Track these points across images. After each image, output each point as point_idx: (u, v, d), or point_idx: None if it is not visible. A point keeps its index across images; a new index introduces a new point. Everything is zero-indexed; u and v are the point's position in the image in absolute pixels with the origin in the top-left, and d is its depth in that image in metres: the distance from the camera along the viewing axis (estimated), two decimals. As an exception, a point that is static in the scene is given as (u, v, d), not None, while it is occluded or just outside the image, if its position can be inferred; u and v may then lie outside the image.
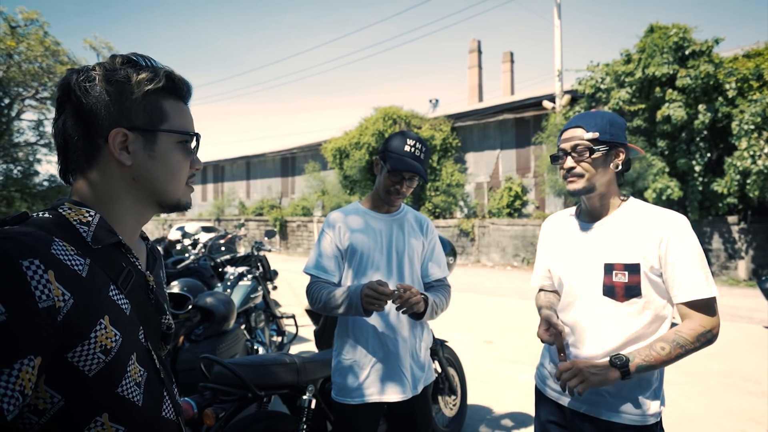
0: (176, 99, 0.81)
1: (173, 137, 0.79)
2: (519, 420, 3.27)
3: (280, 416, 1.99)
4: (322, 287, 1.67)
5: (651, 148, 10.24)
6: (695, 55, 9.77)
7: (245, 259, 4.49)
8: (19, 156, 14.05)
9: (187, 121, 0.82)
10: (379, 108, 15.66)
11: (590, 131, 1.36)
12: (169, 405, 0.80)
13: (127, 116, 0.74)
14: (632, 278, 1.32)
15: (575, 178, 1.38)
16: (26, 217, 0.69)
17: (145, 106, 0.76)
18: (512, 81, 31.10)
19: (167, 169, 0.79)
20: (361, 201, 1.81)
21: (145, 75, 0.75)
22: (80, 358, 0.65)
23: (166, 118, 0.78)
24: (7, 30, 11.84)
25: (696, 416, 3.33)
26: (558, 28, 12.90)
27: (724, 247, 10.15)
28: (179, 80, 0.81)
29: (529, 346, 5.02)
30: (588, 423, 1.37)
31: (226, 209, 22.62)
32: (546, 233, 1.61)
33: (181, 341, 2.70)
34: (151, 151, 0.77)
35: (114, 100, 0.74)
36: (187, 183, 0.83)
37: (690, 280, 1.26)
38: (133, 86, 0.74)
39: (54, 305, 0.61)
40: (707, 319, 1.26)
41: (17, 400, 0.58)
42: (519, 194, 13.89)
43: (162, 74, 0.77)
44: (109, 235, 0.74)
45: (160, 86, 0.77)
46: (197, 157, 0.85)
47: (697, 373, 4.21)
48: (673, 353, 1.24)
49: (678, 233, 1.29)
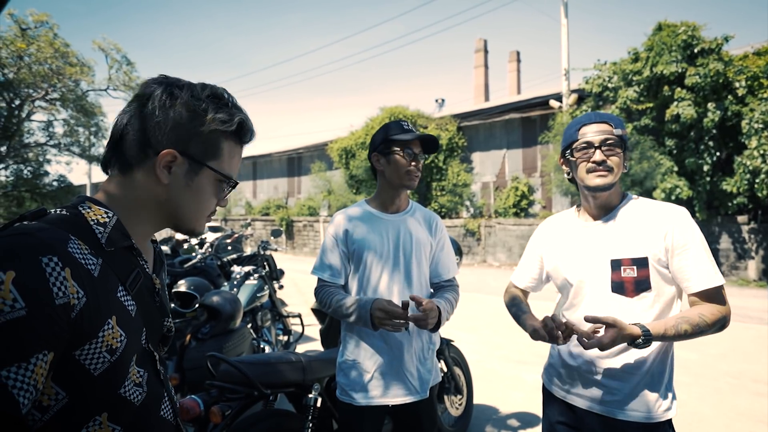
0: (236, 143, 0.84)
1: (215, 175, 0.81)
2: (525, 420, 3.26)
3: (286, 414, 2.00)
4: (330, 293, 1.66)
5: (659, 147, 10.15)
6: (704, 53, 9.66)
7: (251, 259, 4.50)
8: (29, 156, 14.22)
9: (235, 166, 0.85)
10: (385, 108, 15.65)
11: (618, 128, 1.37)
12: (167, 406, 0.81)
13: (185, 142, 0.77)
14: (641, 272, 1.32)
15: (606, 171, 1.35)
16: (44, 213, 0.70)
17: (206, 139, 0.78)
18: (518, 80, 30.98)
19: (197, 202, 0.81)
20: (367, 201, 1.78)
21: (221, 116, 0.78)
22: (87, 356, 0.65)
23: (218, 157, 0.80)
24: (18, 32, 11.98)
25: (705, 417, 3.29)
26: (565, 26, 12.82)
27: (734, 247, 10.03)
28: (248, 129, 0.84)
29: (535, 346, 4.99)
30: (601, 423, 1.36)
31: (232, 209, 22.72)
32: (544, 235, 1.59)
33: (188, 340, 2.71)
34: (190, 180, 0.79)
35: (183, 124, 0.76)
36: (207, 216, 0.86)
37: (700, 269, 1.28)
38: (207, 121, 0.77)
39: (69, 302, 0.62)
40: (722, 307, 1.29)
41: (31, 394, 0.59)
42: (525, 194, 13.82)
43: (236, 121, 0.80)
44: (123, 239, 0.75)
45: (230, 131, 0.80)
46: (226, 198, 0.88)
47: (706, 374, 4.17)
48: (690, 335, 1.26)
49: (682, 224, 1.31)
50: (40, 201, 13.65)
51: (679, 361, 4.41)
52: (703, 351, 4.80)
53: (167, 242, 6.32)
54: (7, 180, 14.21)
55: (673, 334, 1.25)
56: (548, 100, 13.12)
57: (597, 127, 1.38)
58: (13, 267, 0.59)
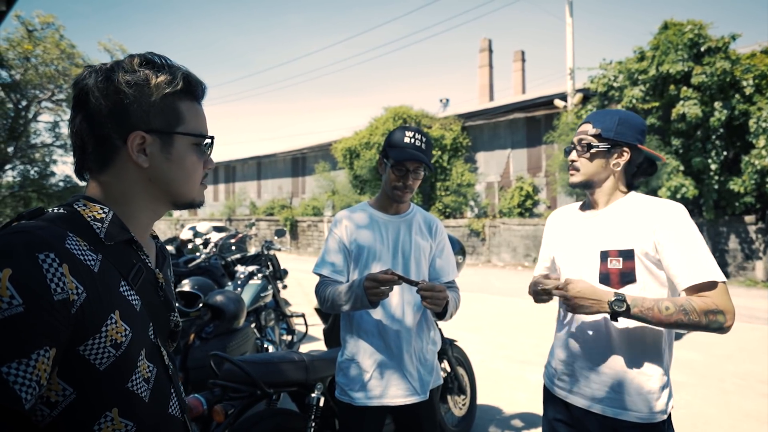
0: (192, 100, 0.81)
1: (189, 139, 0.80)
2: (529, 420, 3.24)
3: (289, 414, 2.00)
4: (328, 285, 1.66)
5: (665, 146, 10.08)
6: (711, 51, 9.59)
7: (255, 258, 4.52)
8: (35, 157, 14.32)
9: (202, 122, 0.83)
10: (390, 108, 15.65)
11: (595, 127, 1.40)
12: (175, 402, 0.81)
13: (145, 119, 0.75)
14: (626, 264, 1.32)
15: (573, 171, 1.45)
16: (41, 212, 0.71)
17: (162, 108, 0.76)
18: (523, 80, 30.87)
19: (183, 171, 0.80)
20: (370, 201, 1.80)
21: (163, 78, 0.75)
22: (92, 351, 0.66)
23: (182, 120, 0.79)
24: (25, 34, 12.09)
25: (711, 419, 3.27)
26: (570, 26, 12.77)
27: (741, 247, 9.95)
28: (195, 81, 0.81)
29: (539, 347, 4.98)
30: (595, 421, 1.36)
31: (237, 209, 22.80)
32: (550, 226, 1.64)
33: (191, 339, 2.72)
34: (168, 153, 0.77)
35: (133, 103, 0.74)
36: (201, 182, 0.84)
37: (690, 263, 1.23)
38: (152, 89, 0.75)
39: (68, 298, 0.62)
40: (718, 300, 1.21)
41: (34, 389, 0.59)
42: (530, 194, 13.77)
43: (180, 76, 0.77)
44: (121, 232, 0.75)
45: (178, 89, 0.77)
46: (210, 157, 0.86)
47: (712, 375, 4.13)
48: (674, 318, 1.20)
49: (672, 220, 1.29)
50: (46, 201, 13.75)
51: (684, 362, 4.37)
52: (709, 352, 4.76)
53: (172, 242, 6.36)
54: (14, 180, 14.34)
55: (651, 307, 1.21)
56: (553, 100, 13.06)
57: (581, 128, 1.46)
58: (9, 264, 0.59)
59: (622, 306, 1.22)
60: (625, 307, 1.22)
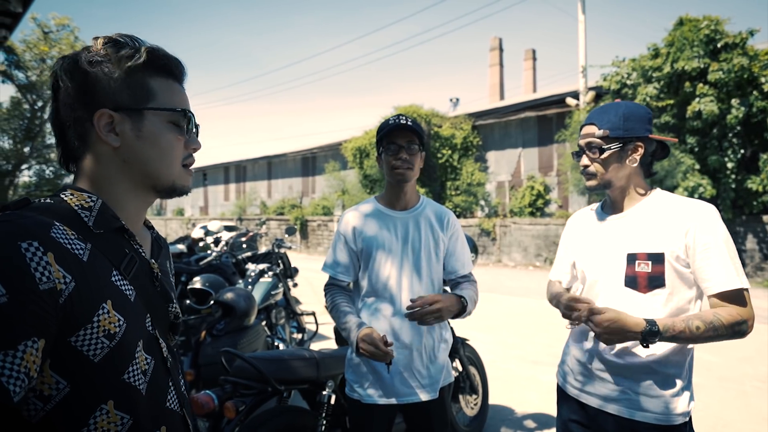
0: (166, 77, 0.78)
1: (162, 116, 0.76)
2: (541, 421, 3.20)
3: (300, 411, 1.99)
4: (335, 300, 1.69)
5: (680, 144, 9.91)
6: (728, 47, 9.39)
7: (266, 257, 4.53)
8: (51, 157, 14.57)
9: (178, 99, 0.79)
10: (399, 107, 15.62)
11: (601, 128, 1.33)
12: (173, 396, 0.79)
13: (111, 97, 0.73)
14: (656, 268, 1.28)
15: (589, 177, 1.40)
16: (27, 203, 0.69)
17: (129, 84, 0.74)
18: (534, 78, 30.62)
19: (158, 150, 0.76)
20: (377, 198, 1.77)
21: (125, 52, 0.73)
22: (84, 342, 0.64)
23: (152, 96, 0.76)
24: (41, 35, 12.30)
25: (730, 422, 3.19)
26: (582, 23, 12.62)
27: (759, 247, 9.74)
28: (165, 56, 0.78)
29: (552, 347, 4.92)
30: (612, 421, 1.33)
31: (247, 209, 22.95)
32: (571, 229, 1.59)
33: (203, 336, 2.73)
34: (138, 131, 0.75)
35: (97, 82, 0.72)
36: (184, 165, 0.81)
37: (720, 270, 1.22)
38: (114, 65, 0.73)
39: (55, 287, 0.60)
40: (742, 310, 1.22)
41: (23, 382, 0.57)
42: (541, 193, 13.64)
43: (143, 50, 0.75)
44: (111, 220, 0.73)
45: (142, 62, 0.74)
46: (194, 137, 0.82)
47: (730, 377, 4.04)
48: (704, 336, 1.20)
49: (706, 223, 1.25)
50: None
51: (702, 364, 4.29)
52: (727, 354, 4.66)
53: (183, 241, 6.40)
54: (30, 180, 14.61)
55: (683, 329, 1.19)
56: (564, 98, 12.92)
57: (585, 130, 1.39)
58: None
59: (655, 337, 1.19)
60: (658, 337, 1.20)
